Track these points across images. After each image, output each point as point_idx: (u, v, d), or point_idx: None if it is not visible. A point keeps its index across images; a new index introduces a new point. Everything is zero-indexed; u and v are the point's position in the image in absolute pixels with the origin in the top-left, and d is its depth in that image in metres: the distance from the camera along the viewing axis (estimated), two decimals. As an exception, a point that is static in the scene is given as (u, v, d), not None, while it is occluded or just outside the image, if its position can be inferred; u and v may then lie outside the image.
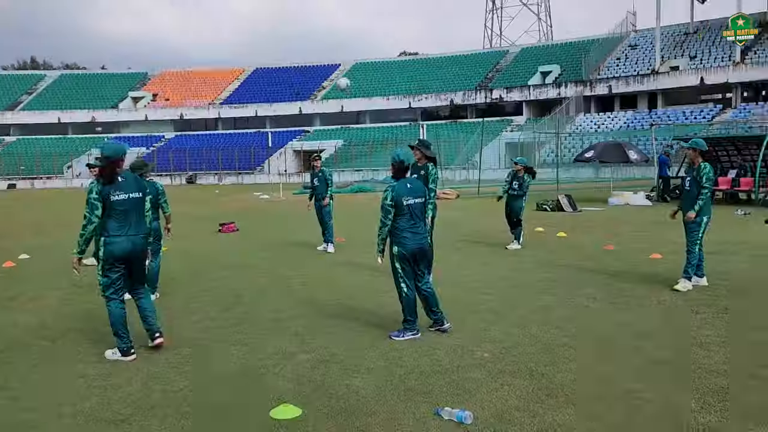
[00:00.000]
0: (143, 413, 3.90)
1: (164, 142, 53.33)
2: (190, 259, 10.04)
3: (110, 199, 4.87)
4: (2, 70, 69.65)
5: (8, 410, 3.98)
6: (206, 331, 5.68)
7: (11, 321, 6.22)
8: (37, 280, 8.39)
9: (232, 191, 34.12)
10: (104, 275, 4.95)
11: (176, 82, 59.59)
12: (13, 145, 52.54)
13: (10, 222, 17.84)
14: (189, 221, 16.42)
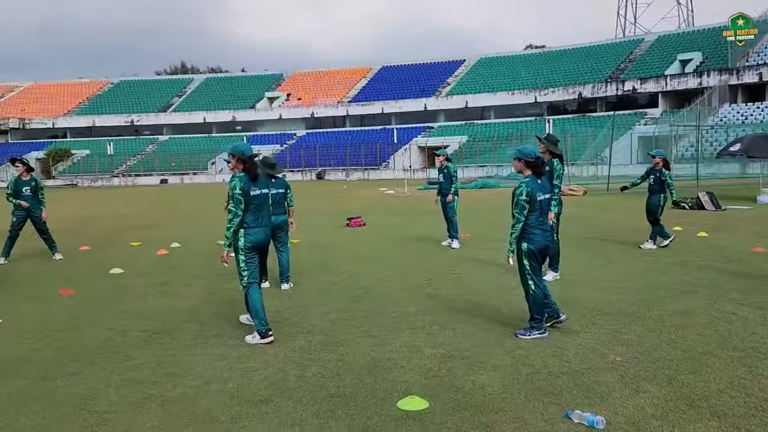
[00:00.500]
0: (280, 395, 4.15)
1: (296, 140, 55.97)
2: (320, 252, 10.47)
3: (249, 194, 5.29)
4: (156, 75, 76.59)
5: (164, 386, 4.40)
6: (336, 322, 5.92)
7: (165, 305, 6.86)
8: (187, 268, 9.17)
9: (358, 186, 35.10)
10: (246, 263, 5.35)
11: (308, 82, 62.27)
12: (166, 143, 57.59)
13: (164, 213, 19.60)
14: (318, 216, 17.14)
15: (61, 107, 62.03)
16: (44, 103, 62.75)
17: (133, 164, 53.78)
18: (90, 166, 53.39)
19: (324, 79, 62.68)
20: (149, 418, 3.83)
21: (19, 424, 3.77)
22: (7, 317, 6.34)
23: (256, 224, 5.38)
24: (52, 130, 60.86)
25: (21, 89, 66.29)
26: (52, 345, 5.40)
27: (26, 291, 7.77)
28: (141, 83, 66.81)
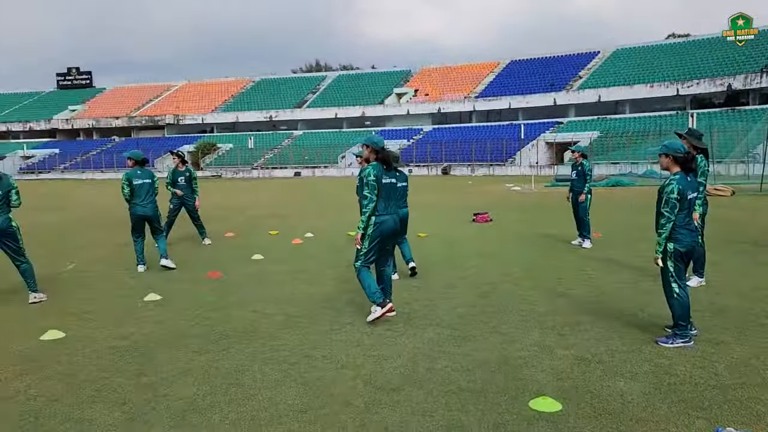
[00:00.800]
0: (411, 385, 4.25)
1: (422, 135, 56.36)
2: (447, 246, 10.51)
3: (381, 182, 5.66)
4: (293, 74, 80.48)
5: (302, 367, 4.66)
6: (464, 317, 5.93)
7: (302, 291, 7.24)
8: (320, 257, 9.60)
9: (484, 182, 34.72)
10: (368, 248, 5.71)
11: (435, 78, 62.43)
12: (300, 138, 60.38)
13: (297, 204, 20.61)
14: (444, 210, 17.19)
15: (209, 104, 67.03)
16: (195, 101, 68.16)
17: (271, 157, 56.88)
18: (233, 159, 57.22)
19: (451, 74, 62.52)
20: (289, 396, 4.08)
21: (177, 394, 4.16)
22: (166, 295, 7.02)
23: (386, 212, 5.73)
24: (201, 126, 65.97)
25: (176, 88, 72.45)
26: (204, 323, 5.90)
27: (179, 272, 8.53)
28: (279, 81, 70.45)
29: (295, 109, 63.25)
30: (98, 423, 3.70)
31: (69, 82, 75.41)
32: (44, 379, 4.43)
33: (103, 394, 4.13)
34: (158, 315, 6.19)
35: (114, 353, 5.00)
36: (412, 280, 7.65)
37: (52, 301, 6.81)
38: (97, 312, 6.33)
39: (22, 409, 3.90)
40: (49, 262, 9.26)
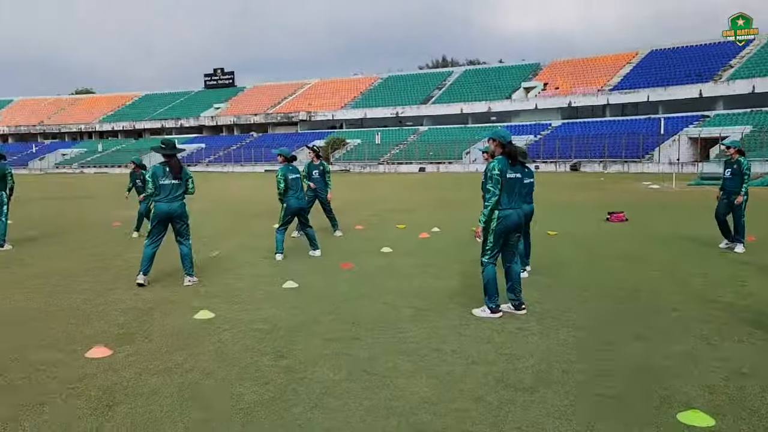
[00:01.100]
0: (545, 387, 4.14)
1: (551, 130, 54.53)
2: (579, 245, 10.11)
3: (506, 177, 5.65)
4: (419, 70, 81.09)
5: (432, 360, 4.69)
6: (602, 320, 5.68)
7: (430, 285, 7.29)
8: (446, 251, 9.62)
9: (617, 179, 32.97)
10: (493, 243, 5.76)
11: (566, 71, 60.11)
12: (425, 134, 60.76)
13: (423, 199, 20.78)
14: (575, 208, 16.55)
15: (339, 101, 69.35)
16: (326, 98, 70.82)
17: (396, 153, 57.77)
18: (360, 154, 58.81)
19: (583, 66, 59.83)
20: (421, 388, 4.13)
21: (314, 377, 4.35)
22: (302, 283, 7.36)
23: (509, 206, 5.72)
24: (331, 122, 68.44)
25: (309, 86, 75.70)
26: (337, 311, 6.12)
27: (314, 262, 8.91)
28: (406, 78, 71.29)
29: (421, 105, 63.68)
30: (246, 399, 3.96)
31: (214, 82, 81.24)
32: (198, 354, 4.82)
33: (249, 372, 4.42)
34: (295, 301, 6.51)
35: (257, 335, 5.33)
36: (544, 279, 7.44)
37: (202, 284, 7.38)
38: (241, 296, 6.78)
39: (180, 380, 4.27)
40: (196, 248, 10.06)
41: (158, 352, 4.87)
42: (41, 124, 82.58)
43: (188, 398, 3.97)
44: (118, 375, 4.38)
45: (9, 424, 3.59)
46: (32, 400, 3.93)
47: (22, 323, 5.75)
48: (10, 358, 4.76)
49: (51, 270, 8.43)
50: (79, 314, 6.05)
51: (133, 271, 8.06)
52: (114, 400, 3.94)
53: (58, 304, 6.44)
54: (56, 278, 7.83)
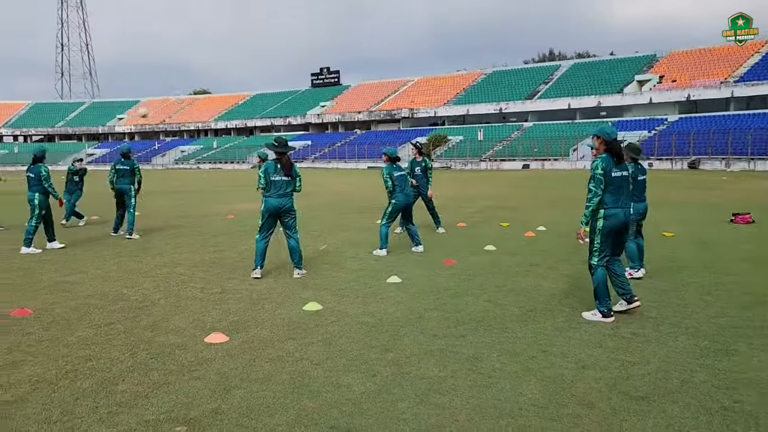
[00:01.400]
0: (662, 396, 3.92)
1: (666, 125, 51.40)
2: (700, 248, 9.48)
3: (610, 175, 5.46)
4: (524, 64, 79.19)
5: (541, 362, 4.57)
6: (726, 329, 5.29)
7: (536, 285, 7.11)
8: (553, 251, 9.33)
9: (742, 178, 30.55)
10: (601, 244, 5.57)
11: (685, 62, 56.41)
12: (530, 129, 59.27)
13: (527, 197, 20.30)
14: (694, 208, 15.54)
15: (441, 98, 69.19)
16: (429, 95, 70.89)
17: (499, 150, 56.78)
18: (462, 151, 58.35)
19: (705, 57, 55.81)
20: (529, 390, 4.04)
21: (420, 373, 4.37)
22: (405, 278, 7.42)
23: (615, 205, 5.52)
24: (433, 119, 68.42)
25: (412, 83, 76.12)
26: (441, 308, 6.11)
27: (417, 258, 8.95)
28: (510, 72, 69.88)
29: (526, 100, 62.16)
30: (354, 390, 4.05)
31: (321, 81, 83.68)
32: (307, 345, 4.99)
33: (356, 364, 4.52)
34: (400, 296, 6.58)
35: (363, 328, 5.43)
36: (660, 283, 7.05)
37: (310, 277, 7.63)
38: (347, 289, 6.94)
39: (291, 369, 4.44)
40: (305, 242, 10.41)
41: (270, 341, 5.09)
42: (163, 123, 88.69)
43: (299, 386, 4.11)
44: (234, 360, 4.62)
45: (139, 400, 3.89)
46: (159, 380, 4.23)
47: (149, 309, 6.20)
48: (141, 339, 5.15)
49: (174, 260, 9.03)
50: (198, 302, 6.44)
51: (246, 262, 8.49)
52: (230, 384, 4.16)
53: (180, 293, 6.90)
54: (179, 268, 8.38)
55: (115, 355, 4.75)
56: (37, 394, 4.00)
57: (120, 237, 11.46)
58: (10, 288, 7.14)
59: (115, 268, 8.35)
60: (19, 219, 14.08)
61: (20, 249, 9.77)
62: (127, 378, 4.27)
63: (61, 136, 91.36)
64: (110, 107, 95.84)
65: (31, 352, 4.82)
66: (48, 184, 9.97)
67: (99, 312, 6.04)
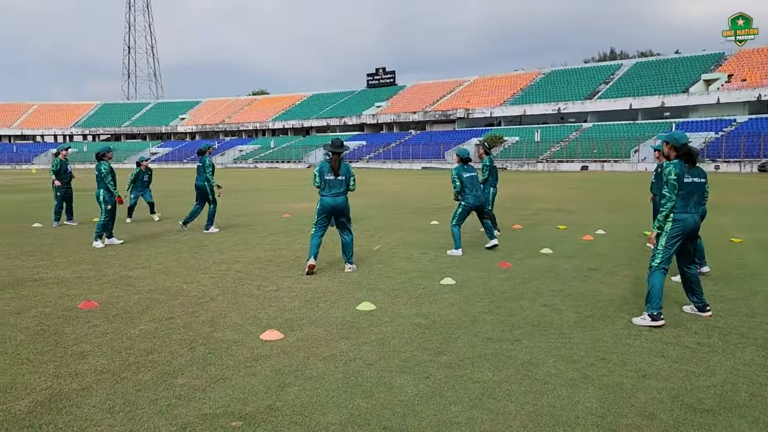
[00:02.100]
0: (729, 410, 3.74)
1: (735, 126, 49.23)
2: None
3: (682, 181, 5.48)
4: (584, 64, 77.36)
5: (599, 370, 4.44)
6: (799, 340, 5.02)
7: (594, 290, 6.91)
8: (612, 255, 9.07)
9: (818, 183, 28.93)
10: (666, 247, 5.52)
11: (756, 60, 53.79)
12: (589, 130, 57.89)
13: (586, 199, 19.80)
14: (765, 213, 14.80)
15: (498, 98, 68.42)
16: (485, 95, 70.22)
17: (557, 151, 55.67)
18: (518, 152, 57.53)
19: (778, 54, 53.18)
20: (587, 398, 3.93)
21: (474, 377, 4.32)
22: (459, 280, 7.36)
23: (685, 210, 5.54)
24: (489, 119, 67.77)
25: (467, 83, 75.61)
26: (496, 311, 6.03)
27: (473, 260, 8.86)
28: (569, 72, 68.47)
29: (586, 100, 60.76)
30: (406, 391, 4.04)
31: (376, 81, 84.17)
32: (360, 344, 5.01)
33: (409, 366, 4.50)
34: (453, 298, 6.52)
35: (416, 329, 5.41)
36: (727, 290, 6.74)
37: (364, 277, 7.67)
38: (400, 290, 6.94)
39: (345, 368, 4.47)
40: (360, 242, 10.47)
41: (324, 339, 5.14)
42: (223, 123, 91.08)
43: (352, 385, 4.13)
44: (289, 358, 4.69)
45: (197, 393, 3.99)
46: (216, 375, 4.33)
47: (207, 305, 6.37)
48: (199, 334, 5.29)
49: (232, 257, 9.25)
50: (254, 299, 6.56)
51: (300, 261, 8.62)
52: (285, 381, 4.22)
53: (237, 290, 7.05)
54: (237, 265, 8.57)
55: (174, 349, 4.89)
56: (102, 384, 4.16)
57: (183, 232, 11.82)
58: (79, 281, 7.47)
59: (175, 264, 8.61)
60: (88, 215, 14.73)
61: (92, 243, 10.22)
62: (186, 372, 4.40)
63: (126, 136, 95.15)
64: (173, 107, 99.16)
65: (97, 344, 5.03)
66: (107, 181, 10.25)
67: (160, 306, 6.24)
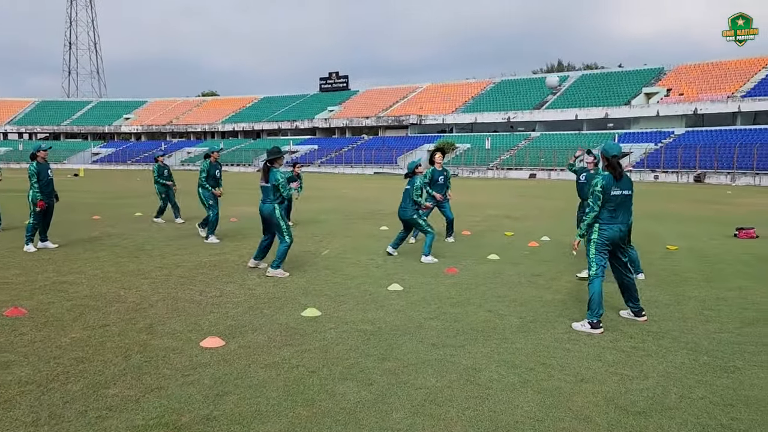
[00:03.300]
0: (660, 412, 3.86)
1: (673, 139, 51.27)
2: (702, 261, 9.41)
3: (609, 193, 5.62)
4: (533, 74, 79.16)
5: (539, 374, 4.51)
6: (725, 344, 5.22)
7: (537, 295, 7.04)
8: (556, 262, 9.27)
9: (747, 193, 30.40)
10: (597, 255, 5.72)
11: (693, 76, 56.33)
12: (537, 139, 59.19)
13: (533, 207, 20.21)
14: (699, 222, 15.44)
15: (450, 105, 69.22)
16: (437, 102, 70.92)
17: (507, 158, 56.69)
18: (469, 159, 58.30)
19: (712, 71, 55.71)
20: (526, 403, 3.98)
21: (417, 383, 4.32)
22: (407, 286, 7.38)
23: (611, 222, 5.67)
24: (441, 126, 68.42)
25: (421, 90, 76.19)
26: (441, 317, 6.06)
27: (420, 266, 8.89)
28: (519, 82, 69.90)
29: (534, 110, 62.15)
30: (348, 399, 4.00)
31: (329, 86, 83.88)
32: (303, 351, 4.94)
33: (353, 373, 4.47)
34: (400, 304, 6.52)
35: (361, 335, 5.38)
36: (662, 296, 6.98)
37: (310, 283, 7.59)
38: (347, 296, 6.90)
39: (286, 376, 4.39)
40: (308, 247, 10.37)
41: (267, 346, 5.05)
42: (170, 124, 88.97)
43: (294, 393, 4.07)
44: (229, 365, 4.58)
45: (130, 404, 3.85)
46: (151, 384, 4.19)
47: (146, 311, 6.17)
48: (135, 342, 5.12)
49: (174, 262, 9.01)
50: (196, 305, 6.40)
51: (246, 266, 8.47)
52: (224, 389, 4.12)
53: (178, 295, 6.86)
54: (179, 270, 8.35)
55: (108, 358, 4.71)
56: (26, 396, 3.96)
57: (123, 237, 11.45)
58: (6, 287, 7.12)
59: (113, 269, 8.33)
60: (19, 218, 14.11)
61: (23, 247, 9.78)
62: (119, 381, 4.24)
63: (66, 135, 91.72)
64: (117, 107, 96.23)
65: (23, 353, 4.79)
66: (32, 182, 9.71)
67: (94, 313, 6.01)
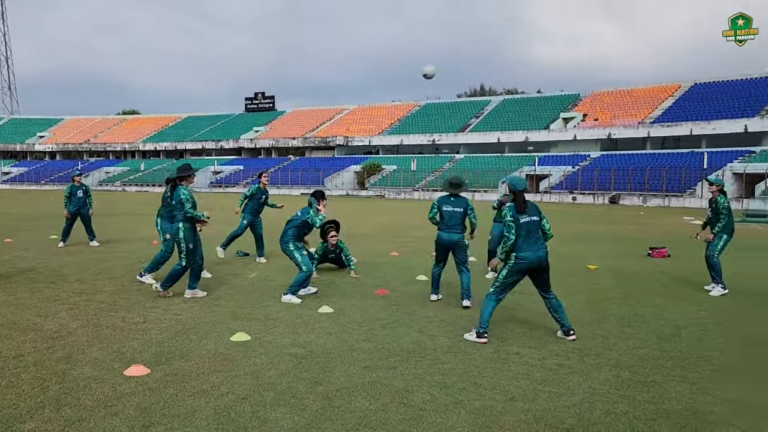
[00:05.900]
0: (586, 428, 4.00)
1: (589, 162, 53.86)
2: (620, 280, 9.88)
3: (518, 221, 6.03)
4: (457, 98, 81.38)
5: (470, 394, 4.59)
6: (645, 360, 5.50)
7: (464, 315, 7.17)
8: (483, 282, 9.48)
9: (657, 214, 32.26)
10: (504, 279, 6.11)
11: (606, 102, 59.55)
12: (462, 161, 60.66)
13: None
14: (613, 242, 16.22)
15: (376, 127, 69.91)
16: (364, 124, 71.48)
17: (432, 180, 57.72)
18: (396, 180, 58.93)
19: (624, 98, 59.19)
20: (459, 423, 4.03)
21: (351, 407, 4.29)
22: (337, 309, 7.34)
23: (527, 249, 6.03)
24: (367, 147, 68.92)
25: (347, 111, 76.60)
26: (373, 338, 6.06)
27: (351, 288, 8.88)
28: (443, 105, 71.58)
29: (458, 132, 63.74)
30: (281, 425, 3.92)
31: (255, 106, 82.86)
32: (234, 377, 4.82)
33: (285, 398, 4.39)
34: (331, 327, 6.48)
35: (293, 359, 5.31)
36: (585, 314, 7.27)
37: (239, 306, 7.42)
38: (277, 319, 6.79)
39: (216, 403, 4.27)
40: (233, 270, 10.14)
41: (195, 373, 4.89)
42: (87, 143, 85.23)
43: (224, 422, 3.95)
44: (155, 395, 4.40)
45: (49, 440, 3.63)
46: (72, 417, 3.97)
47: (64, 339, 5.84)
48: (53, 372, 4.83)
49: (95, 287, 8.59)
50: (118, 332, 6.13)
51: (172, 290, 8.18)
52: (150, 420, 3.95)
53: (99, 322, 6.54)
54: (100, 295, 7.97)
55: (23, 390, 4.42)
56: (-68, 434, 3.67)
57: (38, 261, 10.82)
58: None
59: (28, 296, 7.85)
60: None
61: None
62: (35, 415, 3.98)
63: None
64: (30, 124, 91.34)
65: (-73, 388, 4.43)
66: None
67: (7, 343, 5.64)
